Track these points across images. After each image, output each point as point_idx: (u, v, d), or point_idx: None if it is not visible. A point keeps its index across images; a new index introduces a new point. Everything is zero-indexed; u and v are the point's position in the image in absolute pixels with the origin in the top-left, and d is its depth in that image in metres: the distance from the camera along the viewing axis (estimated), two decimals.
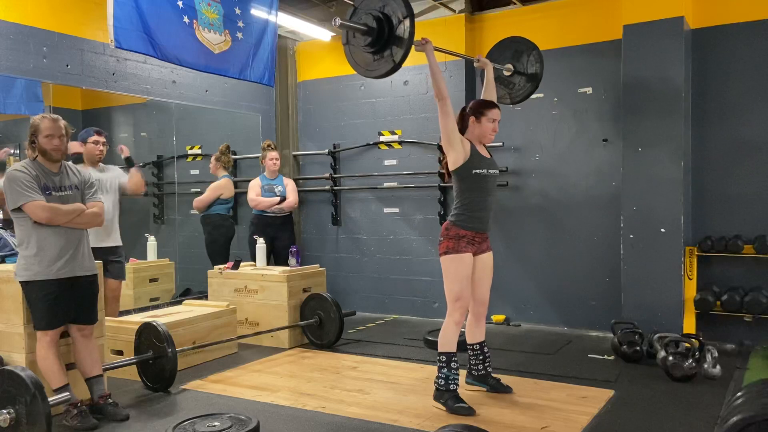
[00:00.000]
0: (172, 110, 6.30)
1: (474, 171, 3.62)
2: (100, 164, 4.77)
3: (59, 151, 3.44)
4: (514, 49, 4.58)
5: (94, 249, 4.45)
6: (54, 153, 3.43)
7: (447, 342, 3.61)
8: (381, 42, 3.45)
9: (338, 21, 3.42)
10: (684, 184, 4.90)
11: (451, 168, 3.68)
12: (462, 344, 3.80)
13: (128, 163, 4.98)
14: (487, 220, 3.71)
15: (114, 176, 4.82)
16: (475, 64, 4.28)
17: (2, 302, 3.55)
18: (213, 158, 6.27)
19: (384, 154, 6.58)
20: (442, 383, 3.59)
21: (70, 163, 3.69)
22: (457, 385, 3.61)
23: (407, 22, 3.36)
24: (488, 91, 4.11)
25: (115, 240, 4.74)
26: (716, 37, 5.05)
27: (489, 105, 3.78)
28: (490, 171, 3.68)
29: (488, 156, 3.77)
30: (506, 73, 4.58)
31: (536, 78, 4.53)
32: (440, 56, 6.09)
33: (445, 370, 3.58)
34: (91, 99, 5.65)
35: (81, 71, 5.06)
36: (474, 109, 3.75)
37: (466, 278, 3.63)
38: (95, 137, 4.65)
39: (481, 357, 3.89)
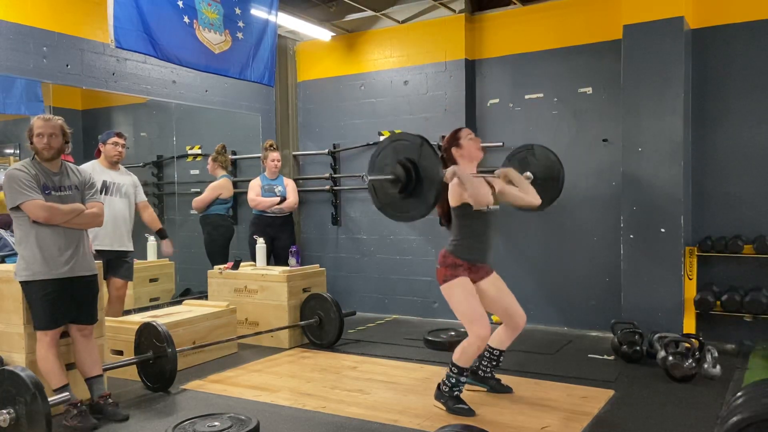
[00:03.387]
0: (172, 110, 6.30)
1: (475, 209, 3.54)
2: (120, 167, 4.79)
3: (48, 149, 3.42)
4: (518, 159, 4.36)
5: (105, 251, 4.47)
6: (43, 151, 3.42)
7: (464, 359, 3.55)
8: (412, 180, 3.38)
9: (366, 177, 3.41)
10: (684, 184, 4.90)
11: (452, 204, 3.61)
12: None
13: (161, 235, 5.16)
14: (486, 252, 3.67)
15: (131, 182, 4.83)
16: (500, 179, 3.89)
17: (2, 302, 3.55)
18: (210, 159, 6.25)
19: None
20: (447, 389, 3.59)
21: (84, 163, 3.69)
22: (461, 392, 3.60)
23: (425, 148, 3.33)
24: (527, 191, 3.83)
25: (127, 245, 4.77)
26: (716, 37, 5.05)
27: (458, 129, 3.73)
28: (491, 207, 3.59)
29: (491, 189, 3.68)
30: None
31: (555, 165, 4.33)
32: (440, 55, 6.19)
33: (453, 380, 3.56)
34: (91, 99, 5.65)
35: (81, 71, 5.06)
36: (449, 143, 3.69)
37: (472, 295, 3.56)
38: (115, 139, 4.69)
39: (494, 363, 3.88)
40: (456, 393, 3.57)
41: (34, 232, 3.37)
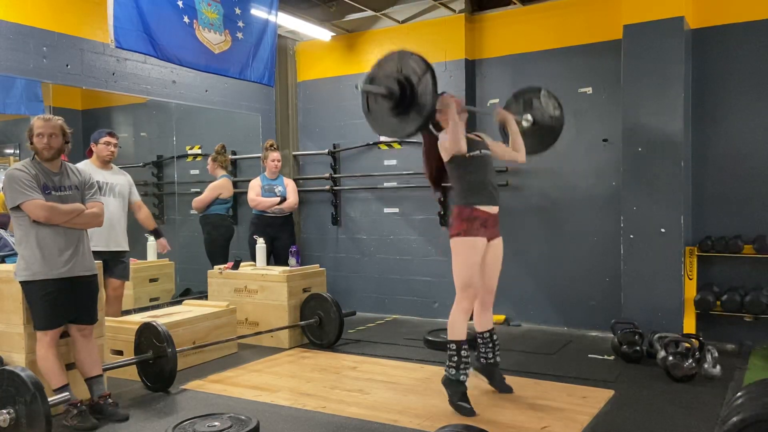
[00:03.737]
0: (172, 110, 6.30)
1: (470, 154, 3.64)
2: (113, 166, 4.77)
3: (48, 149, 3.42)
4: (524, 100, 4.37)
5: (100, 252, 4.48)
6: (43, 151, 3.42)
7: (456, 330, 3.59)
8: (405, 103, 3.40)
9: (359, 86, 3.40)
10: (684, 184, 4.90)
11: (446, 159, 3.69)
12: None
13: (156, 235, 5.14)
14: (493, 195, 3.71)
15: (125, 182, 4.81)
16: (495, 119, 4.11)
17: (2, 302, 3.55)
18: (209, 159, 6.24)
19: (384, 154, 6.59)
20: (453, 372, 3.58)
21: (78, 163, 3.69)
22: (467, 375, 3.58)
23: (428, 77, 3.34)
24: (515, 144, 3.95)
25: (122, 245, 4.75)
26: (716, 37, 5.05)
27: (440, 94, 3.77)
28: (483, 151, 3.73)
29: (479, 139, 3.81)
30: (525, 124, 4.24)
31: (557, 114, 4.33)
32: (440, 55, 6.18)
33: (455, 358, 3.57)
34: (91, 99, 5.65)
35: (81, 71, 5.06)
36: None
37: (476, 264, 3.62)
38: (107, 138, 4.66)
39: (490, 345, 3.89)
40: (463, 377, 3.55)
41: (34, 232, 3.37)
